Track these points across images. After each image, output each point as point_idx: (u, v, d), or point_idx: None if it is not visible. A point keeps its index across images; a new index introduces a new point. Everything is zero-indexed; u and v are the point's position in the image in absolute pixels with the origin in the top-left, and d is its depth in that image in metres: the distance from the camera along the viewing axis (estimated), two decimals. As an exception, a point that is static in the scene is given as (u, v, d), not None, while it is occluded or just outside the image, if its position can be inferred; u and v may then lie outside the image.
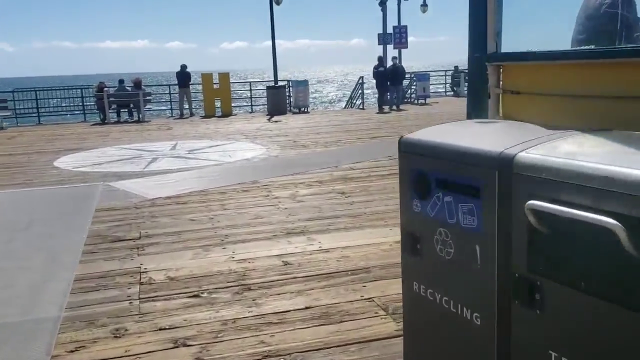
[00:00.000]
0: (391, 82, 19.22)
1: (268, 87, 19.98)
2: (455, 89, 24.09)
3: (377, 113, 18.31)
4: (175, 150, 11.68)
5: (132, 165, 9.89)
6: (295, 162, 9.68)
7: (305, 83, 20.02)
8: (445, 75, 25.19)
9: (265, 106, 20.99)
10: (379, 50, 22.92)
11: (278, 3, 19.14)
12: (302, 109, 19.84)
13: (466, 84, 24.17)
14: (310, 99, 22.98)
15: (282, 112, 19.28)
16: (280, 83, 20.32)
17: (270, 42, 19.68)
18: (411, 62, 21.84)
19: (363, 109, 20.47)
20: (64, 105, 19.87)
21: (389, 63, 20.92)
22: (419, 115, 16.55)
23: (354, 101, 22.44)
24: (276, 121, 17.02)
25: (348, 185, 7.55)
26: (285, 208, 6.50)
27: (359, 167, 8.81)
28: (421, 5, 23.35)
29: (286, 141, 12.27)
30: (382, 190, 7.22)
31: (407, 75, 21.84)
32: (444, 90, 24.77)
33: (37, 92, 19.06)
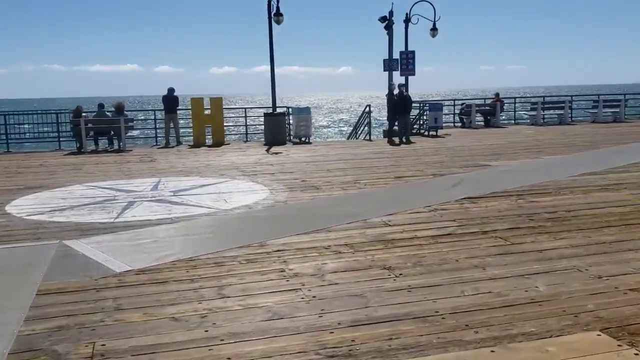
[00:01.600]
0: (399, 112, 17.34)
1: (266, 115, 18.03)
2: (464, 119, 22.29)
3: (389, 145, 16.37)
4: (158, 190, 9.60)
5: (101, 213, 7.79)
6: (310, 212, 7.64)
7: (307, 110, 18.09)
8: (454, 105, 23.40)
9: (262, 135, 19.06)
10: (382, 77, 21.17)
11: (278, 23, 17.31)
12: (303, 139, 17.88)
13: (477, 115, 22.48)
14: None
15: (281, 142, 17.32)
16: (279, 110, 18.37)
17: (259, 68, 18.60)
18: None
19: (370, 140, 18.55)
20: (39, 131, 17.71)
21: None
22: (439, 150, 14.62)
23: (359, 131, 20.54)
24: (276, 153, 15.02)
25: (392, 254, 5.52)
26: (313, 297, 4.44)
27: (396, 222, 6.78)
28: (431, 29, 21.60)
29: (293, 180, 10.24)
30: (443, 262, 5.20)
31: (414, 105, 20.08)
32: (452, 121, 22.94)
33: (7, 117, 16.93)
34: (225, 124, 18.53)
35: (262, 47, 17.80)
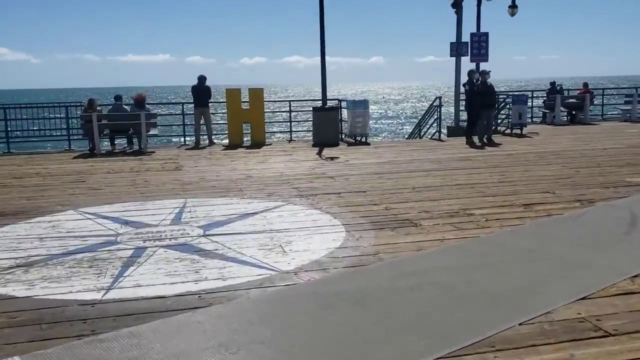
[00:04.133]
0: (480, 106, 14.06)
1: (315, 109, 14.92)
2: (547, 114, 18.85)
3: (470, 148, 13.14)
4: (181, 224, 6.61)
5: (87, 275, 4.80)
6: (431, 285, 4.49)
7: (364, 104, 14.93)
8: (532, 97, 19.92)
9: (305, 132, 16.03)
10: (446, 63, 17.95)
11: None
12: (360, 139, 14.76)
13: (562, 109, 19.02)
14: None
15: (333, 142, 14.23)
16: (329, 103, 15.25)
17: (290, 58, 15.79)
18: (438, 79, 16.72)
19: (441, 140, 15.30)
20: (47, 128, 14.90)
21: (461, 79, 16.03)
22: (544, 156, 11.32)
23: (423, 129, 17.30)
24: (331, 158, 11.94)
25: None
26: None
27: (613, 323, 3.62)
28: (509, 7, 18.25)
29: (372, 206, 7.15)
30: None
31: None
32: (530, 115, 19.45)
33: (7, 111, 14.18)
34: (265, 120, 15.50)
35: (292, 37, 14.81)
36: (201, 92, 14.50)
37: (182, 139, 15.44)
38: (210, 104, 15.01)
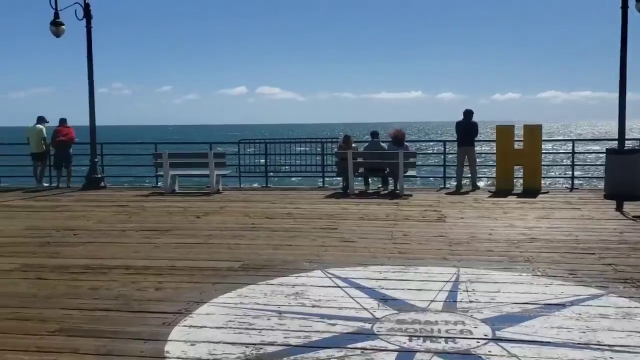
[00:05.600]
0: None
1: (609, 151, 11.92)
2: None
3: None
4: (457, 310, 4.75)
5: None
6: None
7: (682, 147, 11.46)
8: None
9: (596, 180, 13.01)
10: None
11: (642, 9, 11.20)
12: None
13: None
14: None
15: (635, 194, 11.05)
16: (629, 144, 12.10)
17: (545, 94, 12.68)
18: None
19: None
20: (301, 164, 14.50)
21: None
22: None
23: None
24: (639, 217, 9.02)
25: None
26: None
27: None
28: None
29: None
30: None
31: None
32: None
33: (268, 145, 14.13)
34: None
35: (548, 71, 11.83)
36: (467, 128, 12.66)
37: (442, 181, 13.71)
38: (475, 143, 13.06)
